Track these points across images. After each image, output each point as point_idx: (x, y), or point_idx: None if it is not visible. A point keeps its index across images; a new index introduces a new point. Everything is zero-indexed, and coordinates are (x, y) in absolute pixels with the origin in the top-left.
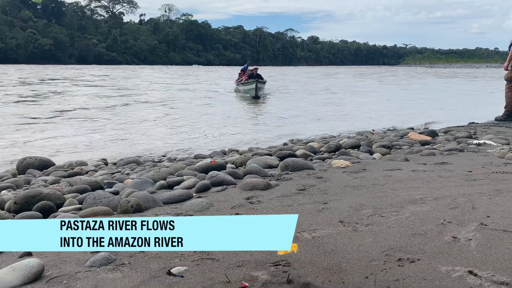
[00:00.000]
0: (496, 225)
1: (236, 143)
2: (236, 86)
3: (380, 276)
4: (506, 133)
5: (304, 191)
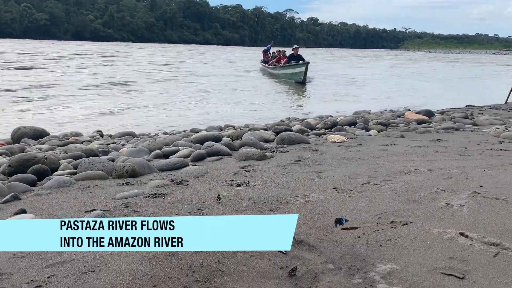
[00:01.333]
0: (488, 193)
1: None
2: (265, 68)
3: (372, 236)
4: (502, 115)
5: (300, 162)
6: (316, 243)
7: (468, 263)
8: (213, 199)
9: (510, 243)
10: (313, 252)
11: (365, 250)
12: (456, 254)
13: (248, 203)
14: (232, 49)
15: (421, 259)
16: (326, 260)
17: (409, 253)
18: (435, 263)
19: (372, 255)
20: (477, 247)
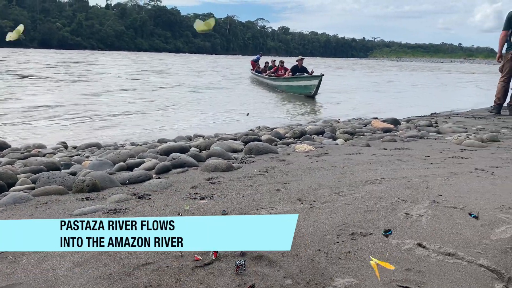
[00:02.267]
0: (447, 202)
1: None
2: (259, 78)
3: (332, 248)
4: (465, 122)
5: (266, 173)
6: (276, 258)
7: (424, 274)
8: (175, 214)
9: (465, 253)
10: (273, 267)
11: (324, 264)
12: (413, 265)
13: None
14: (207, 57)
15: (379, 272)
16: (285, 276)
17: (368, 265)
18: (392, 276)
19: (331, 269)
20: (434, 257)
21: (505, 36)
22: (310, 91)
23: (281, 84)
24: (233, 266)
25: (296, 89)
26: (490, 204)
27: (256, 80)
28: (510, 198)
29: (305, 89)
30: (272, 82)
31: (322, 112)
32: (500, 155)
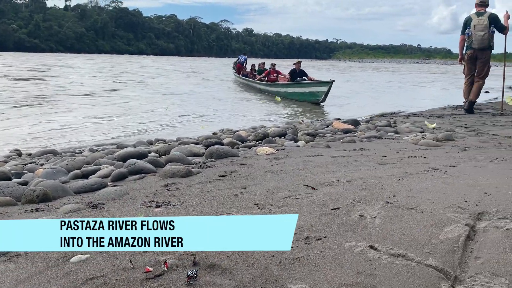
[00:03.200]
0: (400, 203)
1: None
2: (249, 83)
3: (286, 254)
4: (422, 122)
5: (225, 177)
6: (229, 266)
7: (374, 277)
8: None
9: (415, 254)
10: (225, 276)
11: (277, 270)
12: (364, 268)
13: None
14: (178, 59)
15: (330, 276)
16: (237, 284)
17: (320, 270)
18: (344, 279)
19: (284, 275)
20: (384, 259)
21: (463, 40)
22: (317, 98)
23: (279, 91)
24: (185, 276)
25: (299, 96)
26: (440, 204)
27: (243, 85)
28: (460, 197)
29: (311, 96)
30: (267, 88)
31: (322, 113)
32: (454, 153)
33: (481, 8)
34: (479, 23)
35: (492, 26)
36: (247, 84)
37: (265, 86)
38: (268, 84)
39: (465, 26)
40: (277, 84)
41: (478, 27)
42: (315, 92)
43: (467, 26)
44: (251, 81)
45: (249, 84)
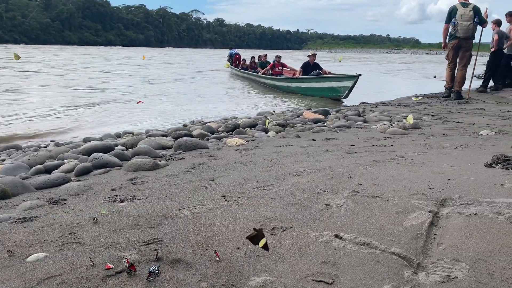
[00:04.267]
0: (366, 191)
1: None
2: (252, 78)
3: (251, 246)
4: (390, 111)
5: (193, 170)
6: (193, 260)
7: (338, 266)
8: (90, 220)
9: (379, 242)
10: (189, 270)
11: (242, 263)
12: (329, 258)
13: (129, 221)
14: (147, 50)
15: (295, 267)
16: (200, 279)
17: (285, 261)
18: (308, 270)
19: (248, 268)
20: (349, 248)
21: (447, 29)
22: (339, 94)
23: (291, 86)
24: (147, 272)
25: (316, 92)
26: (405, 191)
27: (245, 79)
28: (424, 184)
29: (331, 92)
30: (274, 83)
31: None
32: (420, 141)
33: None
34: (465, 13)
35: (476, 17)
36: (248, 78)
37: (272, 81)
38: (275, 78)
39: (450, 15)
40: (287, 78)
41: (464, 17)
42: (336, 88)
43: (453, 15)
44: (254, 75)
45: (251, 78)
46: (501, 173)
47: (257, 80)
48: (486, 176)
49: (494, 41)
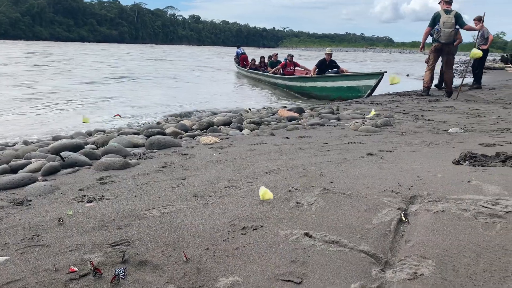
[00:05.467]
0: (337, 189)
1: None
2: (263, 78)
3: (221, 246)
4: (363, 109)
5: (165, 168)
6: (161, 262)
7: (307, 265)
8: (55, 221)
9: (348, 239)
10: (156, 272)
11: (210, 264)
12: (298, 257)
13: (96, 222)
14: (132, 47)
15: (264, 267)
16: (167, 281)
17: (254, 261)
18: (277, 270)
19: (217, 268)
20: (318, 247)
21: (428, 32)
22: (360, 94)
23: (304, 85)
24: (112, 275)
25: (333, 92)
26: (375, 188)
27: (253, 79)
28: (394, 181)
29: (350, 91)
30: (285, 83)
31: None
32: (391, 139)
33: (448, 6)
34: (448, 21)
35: (457, 24)
36: (257, 78)
37: (283, 81)
38: (287, 78)
39: (433, 20)
40: (300, 78)
41: (446, 24)
42: (356, 87)
43: (436, 21)
44: (264, 75)
45: (261, 78)
46: (468, 170)
47: (267, 81)
48: (454, 173)
49: (490, 40)
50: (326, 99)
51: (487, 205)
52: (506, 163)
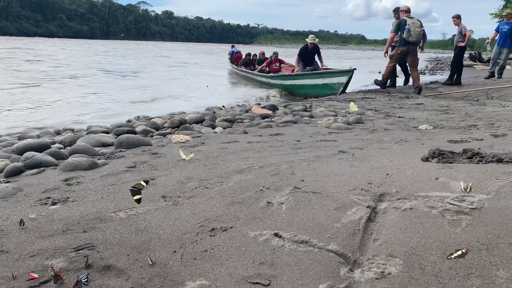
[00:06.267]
0: (308, 187)
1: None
2: (250, 76)
3: (189, 249)
4: (336, 106)
5: (134, 168)
6: (126, 266)
7: (276, 266)
8: (16, 225)
9: (317, 239)
10: (121, 277)
11: (177, 267)
12: (267, 258)
13: (59, 225)
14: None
15: (232, 269)
16: (132, 286)
17: (222, 263)
18: (245, 272)
19: (184, 272)
20: (288, 247)
21: (393, 38)
22: (334, 92)
23: (285, 83)
24: (74, 282)
25: (310, 89)
26: (345, 186)
27: (242, 77)
28: (364, 179)
29: (325, 89)
30: (269, 81)
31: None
32: (362, 136)
33: (408, 14)
34: (415, 22)
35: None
36: (245, 76)
37: (267, 79)
38: (270, 76)
39: (398, 26)
40: (281, 75)
41: (415, 24)
42: (330, 84)
43: (402, 25)
44: (250, 72)
45: (248, 76)
46: (436, 167)
47: (253, 79)
48: (423, 170)
49: (467, 36)
50: (305, 96)
51: (453, 202)
52: (473, 159)
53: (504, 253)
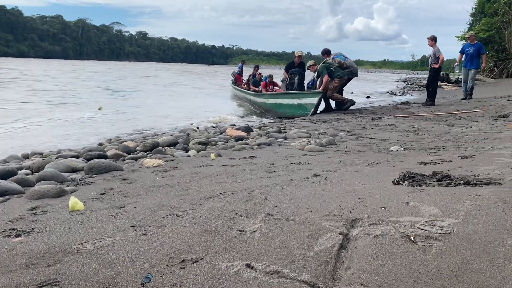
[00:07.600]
0: (280, 214)
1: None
2: (242, 95)
3: (158, 282)
4: (309, 128)
5: (103, 196)
6: None
7: None
8: None
9: (290, 269)
10: None
11: None
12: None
13: (22, 259)
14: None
15: None
16: None
17: None
18: None
19: None
20: (260, 278)
21: (327, 78)
22: (306, 112)
23: (267, 102)
24: None
25: (288, 109)
26: (318, 212)
27: (243, 98)
28: (336, 204)
29: (299, 109)
30: (255, 99)
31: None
32: (335, 158)
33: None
34: (350, 60)
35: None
36: (242, 96)
37: (254, 97)
38: (256, 94)
39: (328, 68)
40: (264, 94)
41: (348, 60)
42: (303, 105)
43: (328, 69)
44: (242, 91)
45: (241, 95)
46: (407, 190)
47: (244, 97)
48: (394, 194)
49: (440, 60)
50: (282, 117)
51: (424, 227)
52: (442, 182)
53: (473, 280)
